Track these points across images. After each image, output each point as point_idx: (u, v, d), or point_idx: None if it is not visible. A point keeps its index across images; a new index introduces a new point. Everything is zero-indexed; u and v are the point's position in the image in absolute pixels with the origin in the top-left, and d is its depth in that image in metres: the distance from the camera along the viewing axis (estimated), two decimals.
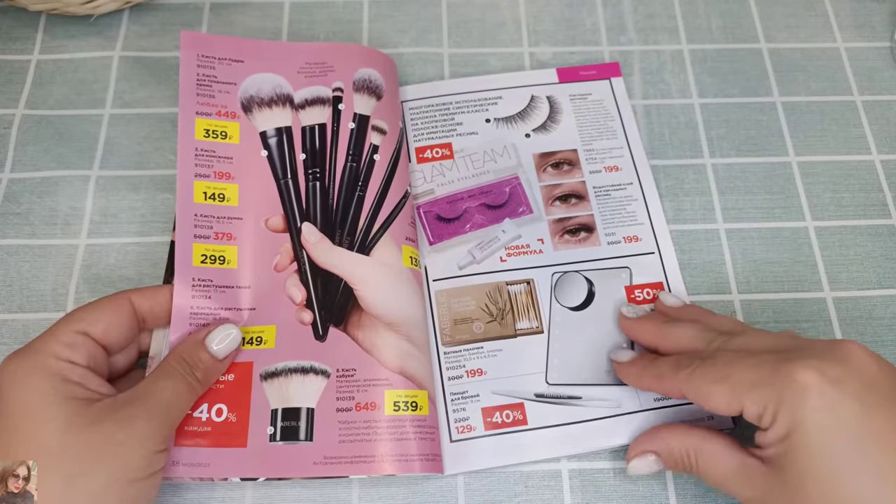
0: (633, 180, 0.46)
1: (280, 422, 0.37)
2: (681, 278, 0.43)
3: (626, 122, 0.48)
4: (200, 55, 0.44)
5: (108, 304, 0.36)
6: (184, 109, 0.43)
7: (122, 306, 0.36)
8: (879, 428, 0.30)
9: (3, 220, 0.45)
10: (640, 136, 0.48)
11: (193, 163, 0.42)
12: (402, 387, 0.38)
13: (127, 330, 0.36)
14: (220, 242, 0.41)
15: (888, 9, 0.54)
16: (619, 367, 0.38)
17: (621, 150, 0.47)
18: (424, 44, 0.51)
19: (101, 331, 0.35)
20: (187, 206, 0.41)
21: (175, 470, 0.36)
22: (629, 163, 0.46)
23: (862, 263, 0.45)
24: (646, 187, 0.46)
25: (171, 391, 0.34)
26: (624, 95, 0.49)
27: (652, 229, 0.44)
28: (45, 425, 0.31)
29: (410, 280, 0.41)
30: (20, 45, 0.50)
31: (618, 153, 0.47)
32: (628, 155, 0.47)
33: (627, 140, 0.47)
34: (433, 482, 0.39)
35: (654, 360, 0.37)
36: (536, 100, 0.48)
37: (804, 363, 0.31)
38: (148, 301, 0.37)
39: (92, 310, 0.35)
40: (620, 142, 0.47)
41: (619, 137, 0.47)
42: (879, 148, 0.48)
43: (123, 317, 0.36)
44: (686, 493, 0.38)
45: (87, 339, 0.34)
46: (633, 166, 0.46)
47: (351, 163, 0.43)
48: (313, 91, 0.44)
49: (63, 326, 0.34)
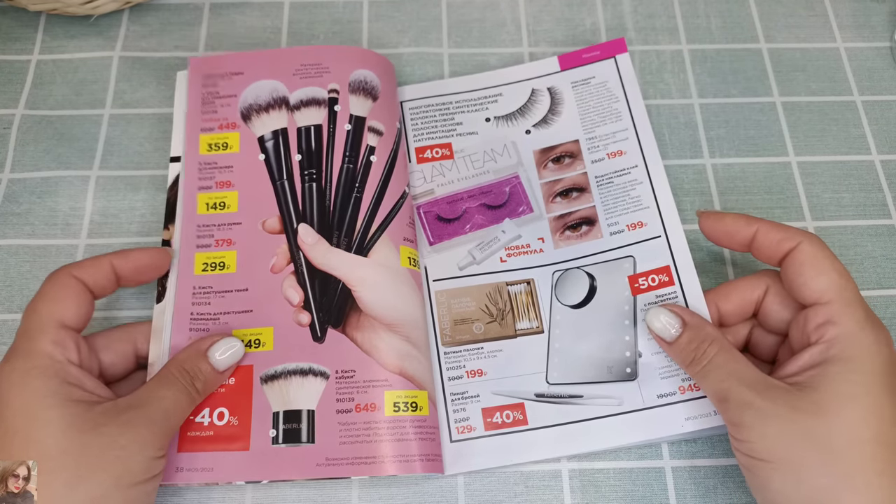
0: (637, 162, 0.45)
1: (282, 424, 0.37)
2: (689, 256, 0.42)
3: (632, 99, 0.47)
4: (205, 76, 0.45)
5: (62, 289, 0.35)
6: (190, 129, 0.44)
7: (73, 285, 0.35)
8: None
9: (3, 220, 0.45)
10: (647, 111, 0.47)
11: (197, 177, 0.43)
12: (401, 387, 0.38)
13: (88, 306, 0.36)
14: (220, 249, 0.41)
15: (888, 9, 0.54)
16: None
17: (626, 132, 0.46)
18: (424, 44, 0.51)
19: (74, 317, 0.34)
20: (190, 218, 0.42)
21: (179, 476, 0.36)
22: (634, 144, 0.45)
23: (862, 263, 0.45)
24: (651, 166, 0.45)
25: (171, 400, 0.34)
26: (630, 71, 0.48)
27: (658, 211, 0.43)
28: (46, 428, 0.31)
29: (409, 280, 0.41)
30: (20, 45, 0.50)
31: (622, 136, 0.46)
32: (633, 135, 0.46)
33: (633, 118, 0.46)
34: (433, 482, 0.39)
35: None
36: (537, 93, 0.48)
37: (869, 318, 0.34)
38: (91, 275, 0.36)
39: (55, 300, 0.34)
40: (625, 123, 0.46)
41: (623, 119, 0.46)
42: (879, 148, 0.48)
43: (81, 295, 0.35)
44: (686, 493, 0.38)
45: (69, 330, 0.34)
46: (639, 145, 0.45)
47: (348, 164, 0.43)
48: (309, 92, 0.44)
49: (42, 324, 0.34)
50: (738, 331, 0.40)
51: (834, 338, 0.33)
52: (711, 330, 0.36)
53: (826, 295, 0.34)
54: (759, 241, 0.37)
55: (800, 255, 0.35)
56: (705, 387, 0.35)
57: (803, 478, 0.31)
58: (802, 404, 0.32)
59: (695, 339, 0.36)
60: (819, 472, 0.31)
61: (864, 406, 0.31)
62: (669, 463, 0.39)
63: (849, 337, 0.33)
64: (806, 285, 0.35)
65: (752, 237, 0.37)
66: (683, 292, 0.41)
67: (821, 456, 0.31)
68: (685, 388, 0.39)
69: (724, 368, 0.34)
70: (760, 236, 0.37)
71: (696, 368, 0.36)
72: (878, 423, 0.31)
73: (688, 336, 0.36)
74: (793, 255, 0.36)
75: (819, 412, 0.31)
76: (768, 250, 0.37)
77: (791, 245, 0.36)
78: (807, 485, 0.31)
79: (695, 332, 0.36)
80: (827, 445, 0.31)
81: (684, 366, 0.37)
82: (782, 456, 0.31)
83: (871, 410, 0.31)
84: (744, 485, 0.38)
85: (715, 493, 0.38)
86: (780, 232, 0.36)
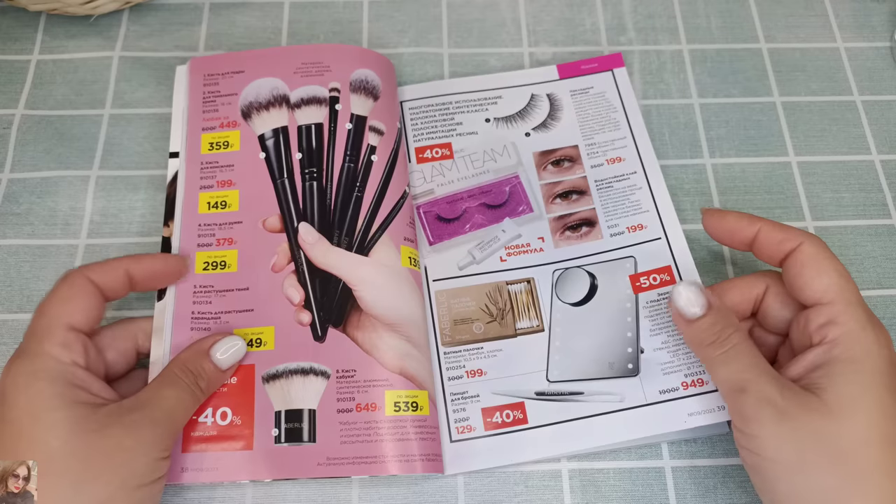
0: (636, 168, 0.45)
1: (284, 424, 0.37)
2: (691, 258, 0.42)
3: (630, 110, 0.47)
4: (206, 75, 0.45)
5: (73, 290, 0.35)
6: (191, 128, 0.44)
7: (85, 287, 0.35)
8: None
9: (3, 220, 0.45)
10: (644, 122, 0.47)
11: (199, 176, 0.43)
12: (402, 387, 0.38)
13: (99, 309, 0.36)
14: (221, 248, 0.41)
15: (888, 9, 0.54)
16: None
17: (624, 140, 0.46)
18: (424, 44, 0.51)
19: (83, 319, 0.34)
20: (192, 217, 0.42)
21: (184, 476, 0.36)
22: (632, 152, 0.46)
23: (862, 263, 0.45)
24: (650, 172, 0.45)
25: (175, 400, 0.34)
26: (627, 84, 0.48)
27: (658, 214, 0.44)
28: (51, 430, 0.31)
29: (409, 280, 0.41)
30: (20, 45, 0.50)
31: (620, 143, 0.46)
32: (632, 144, 0.46)
33: (631, 128, 0.47)
34: (433, 482, 0.39)
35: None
36: (536, 98, 0.48)
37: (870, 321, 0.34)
38: (104, 278, 0.36)
39: (65, 301, 0.34)
40: (623, 132, 0.47)
41: (622, 127, 0.47)
42: (879, 148, 0.48)
43: (93, 297, 0.35)
44: (686, 493, 0.38)
45: (77, 333, 0.34)
46: (637, 153, 0.46)
47: (349, 163, 0.43)
48: (309, 90, 0.44)
49: (50, 325, 0.34)
50: None
51: (836, 338, 0.33)
52: (735, 318, 0.36)
53: (827, 295, 0.34)
54: (761, 241, 0.37)
55: (801, 256, 0.35)
56: (723, 373, 0.34)
57: (811, 479, 0.31)
58: (814, 405, 0.32)
59: (719, 322, 0.35)
60: (827, 474, 0.31)
61: (870, 407, 0.31)
62: (669, 463, 0.39)
63: (851, 337, 0.33)
64: (807, 285, 0.35)
65: (754, 236, 0.37)
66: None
67: (829, 457, 0.31)
68: (688, 384, 0.39)
69: (748, 358, 0.34)
70: (762, 236, 0.37)
71: (715, 352, 0.34)
72: (884, 424, 0.31)
73: (712, 317, 0.35)
74: (794, 256, 0.36)
75: (828, 414, 0.31)
76: (769, 250, 0.37)
77: (792, 245, 0.36)
78: (815, 486, 0.31)
79: (720, 315, 0.35)
80: (835, 447, 0.31)
81: (702, 347, 0.35)
82: (790, 456, 0.31)
83: (877, 412, 0.31)
84: (744, 485, 0.38)
85: (715, 493, 0.38)
86: (782, 232, 0.36)
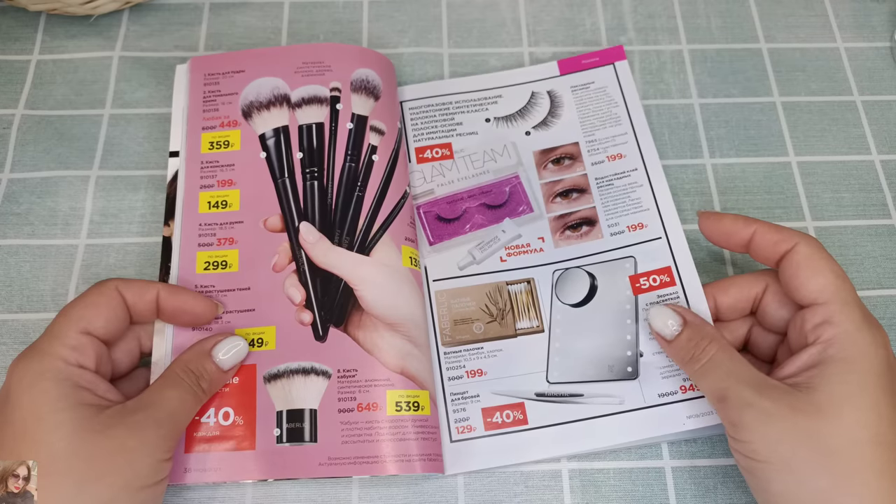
0: (637, 165, 0.45)
1: (285, 423, 0.37)
2: (690, 258, 0.42)
3: (631, 105, 0.47)
4: (206, 74, 0.45)
5: (100, 298, 0.35)
6: (192, 128, 0.44)
7: (113, 298, 0.35)
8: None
9: (3, 220, 0.45)
10: (646, 117, 0.47)
11: (199, 175, 0.43)
12: (403, 387, 0.38)
13: (122, 323, 0.36)
14: (222, 248, 0.41)
15: (888, 9, 0.54)
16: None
17: (625, 136, 0.46)
18: (424, 44, 0.51)
19: (102, 327, 0.34)
20: (192, 216, 0.41)
21: (187, 476, 0.36)
22: (634, 148, 0.46)
23: (862, 263, 0.45)
24: (651, 169, 0.45)
25: (178, 400, 0.34)
26: (629, 77, 0.48)
27: (658, 213, 0.44)
28: (55, 431, 0.31)
29: (410, 280, 0.41)
30: (20, 45, 0.50)
31: (621, 140, 0.46)
32: (633, 140, 0.46)
33: (632, 123, 0.46)
34: (433, 482, 0.39)
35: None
36: (537, 96, 0.48)
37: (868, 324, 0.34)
38: (135, 297, 0.36)
39: (88, 306, 0.35)
40: (625, 127, 0.46)
41: (623, 123, 0.47)
42: (879, 148, 0.48)
43: (118, 310, 0.35)
44: (686, 493, 0.38)
45: (92, 338, 0.34)
46: (639, 149, 0.46)
47: (350, 163, 0.43)
48: (310, 90, 0.44)
49: (66, 327, 0.34)
50: (737, 329, 0.40)
51: (831, 338, 0.33)
52: (711, 329, 0.36)
53: (823, 295, 0.34)
54: (757, 242, 0.37)
55: (796, 257, 0.35)
56: (704, 386, 0.35)
57: (803, 479, 0.31)
58: (802, 405, 0.32)
59: (694, 337, 0.36)
60: (818, 474, 0.31)
61: (862, 407, 0.31)
62: (669, 463, 0.39)
63: (846, 337, 0.33)
64: (803, 286, 0.35)
65: (750, 238, 0.37)
66: (685, 293, 0.41)
67: (820, 457, 0.31)
68: (686, 388, 0.39)
69: (724, 367, 0.34)
70: (758, 237, 0.37)
71: (694, 367, 0.35)
72: (877, 424, 0.31)
73: (687, 334, 0.36)
74: (789, 257, 0.36)
75: (818, 413, 0.31)
76: (765, 251, 0.37)
77: (788, 246, 0.36)
78: (807, 486, 0.31)
79: (694, 331, 0.36)
80: (826, 446, 0.31)
81: (683, 364, 0.37)
82: (782, 457, 0.31)
83: (869, 411, 0.31)
84: (744, 485, 0.38)
85: (715, 493, 0.38)
86: (778, 233, 0.36)
